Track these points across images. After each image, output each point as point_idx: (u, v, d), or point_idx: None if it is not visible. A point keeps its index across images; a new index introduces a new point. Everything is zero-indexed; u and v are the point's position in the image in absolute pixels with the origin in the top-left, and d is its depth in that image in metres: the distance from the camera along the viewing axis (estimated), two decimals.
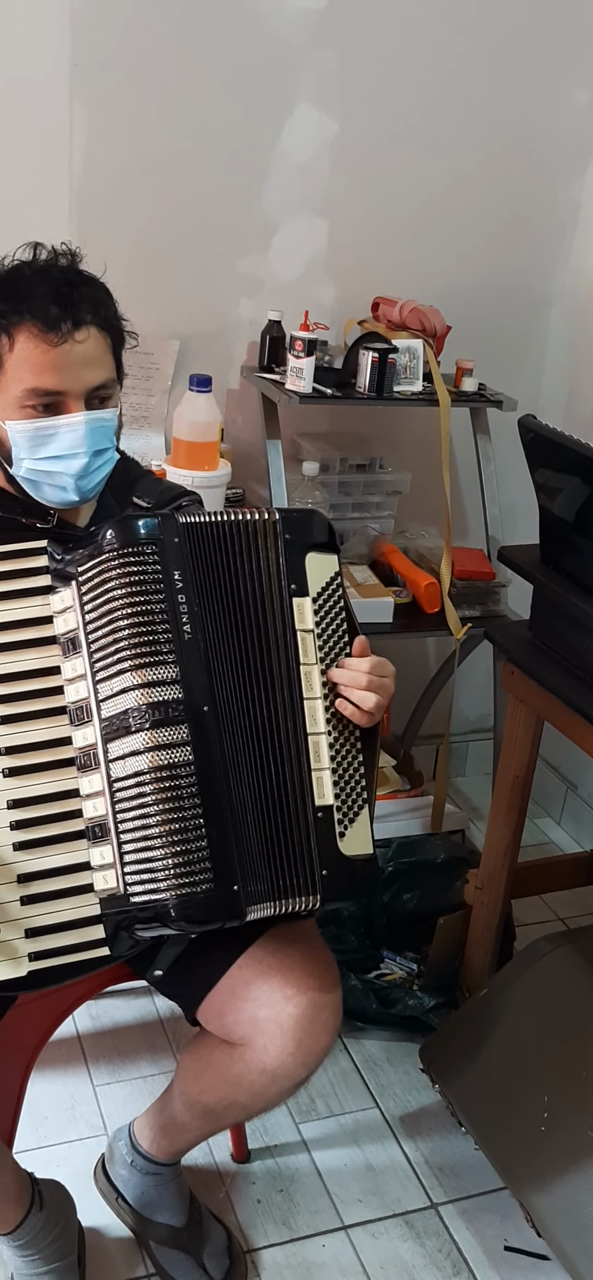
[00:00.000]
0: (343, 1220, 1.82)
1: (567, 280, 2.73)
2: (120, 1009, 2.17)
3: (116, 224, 2.28)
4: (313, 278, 2.47)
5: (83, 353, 1.34)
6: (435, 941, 2.16)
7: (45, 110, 2.17)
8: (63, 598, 1.31)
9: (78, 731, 1.30)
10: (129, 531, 1.28)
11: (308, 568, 1.36)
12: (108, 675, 1.27)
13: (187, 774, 1.25)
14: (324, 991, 1.41)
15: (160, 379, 2.37)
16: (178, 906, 1.23)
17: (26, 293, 1.32)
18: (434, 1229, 1.82)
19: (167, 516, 1.32)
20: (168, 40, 2.22)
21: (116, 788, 1.27)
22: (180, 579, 1.28)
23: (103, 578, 1.28)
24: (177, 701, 1.25)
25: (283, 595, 1.34)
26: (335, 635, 1.36)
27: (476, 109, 2.50)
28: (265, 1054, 1.40)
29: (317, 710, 1.34)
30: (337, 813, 1.32)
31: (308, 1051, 1.40)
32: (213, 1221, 1.74)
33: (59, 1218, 1.59)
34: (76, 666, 1.30)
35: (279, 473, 2.27)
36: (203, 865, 1.24)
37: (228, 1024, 1.44)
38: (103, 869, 1.28)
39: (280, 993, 1.40)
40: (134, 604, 1.26)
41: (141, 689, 1.25)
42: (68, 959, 1.27)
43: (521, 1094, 1.78)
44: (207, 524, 1.33)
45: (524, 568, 1.86)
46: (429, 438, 2.46)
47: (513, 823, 2.00)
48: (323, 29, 2.31)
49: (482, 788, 2.98)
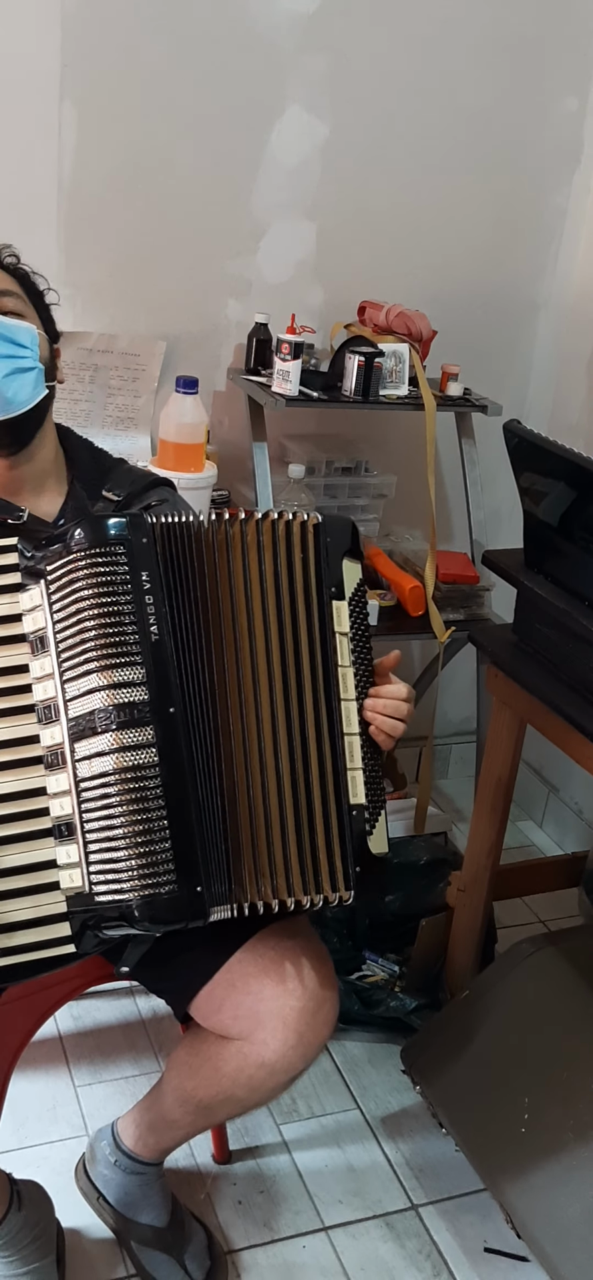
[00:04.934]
0: (324, 1221, 1.82)
1: (553, 286, 2.74)
2: (102, 1010, 2.17)
3: (105, 224, 2.28)
4: (301, 281, 2.47)
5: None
6: (418, 943, 2.16)
7: (35, 110, 2.17)
8: (32, 596, 1.30)
9: (45, 730, 1.29)
10: (98, 531, 1.28)
11: (344, 572, 1.37)
12: (75, 675, 1.27)
13: (151, 775, 1.25)
14: (324, 985, 1.44)
15: (147, 380, 2.37)
16: (141, 907, 1.24)
17: None
18: (414, 1230, 1.83)
19: (136, 516, 1.32)
20: (158, 42, 2.22)
21: (83, 787, 1.27)
22: (148, 579, 1.27)
23: (71, 577, 1.27)
24: (143, 703, 1.25)
25: (321, 597, 1.34)
26: (363, 638, 1.38)
27: (464, 115, 2.52)
28: (265, 1047, 1.40)
29: (351, 712, 1.35)
30: (365, 812, 1.34)
31: (308, 1044, 1.41)
32: (194, 1222, 1.74)
33: (38, 1218, 1.59)
34: (44, 665, 1.30)
35: (265, 474, 2.27)
36: (166, 867, 1.24)
37: (226, 1018, 1.45)
38: (69, 867, 1.28)
39: (282, 986, 1.41)
40: (102, 604, 1.25)
41: (108, 690, 1.25)
42: (33, 955, 1.27)
43: (501, 1095, 1.78)
44: (187, 524, 1.31)
45: (509, 571, 1.87)
46: (415, 441, 2.47)
47: (496, 825, 2.01)
48: (313, 33, 2.32)
49: (465, 790, 3.00)
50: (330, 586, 1.35)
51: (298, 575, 1.34)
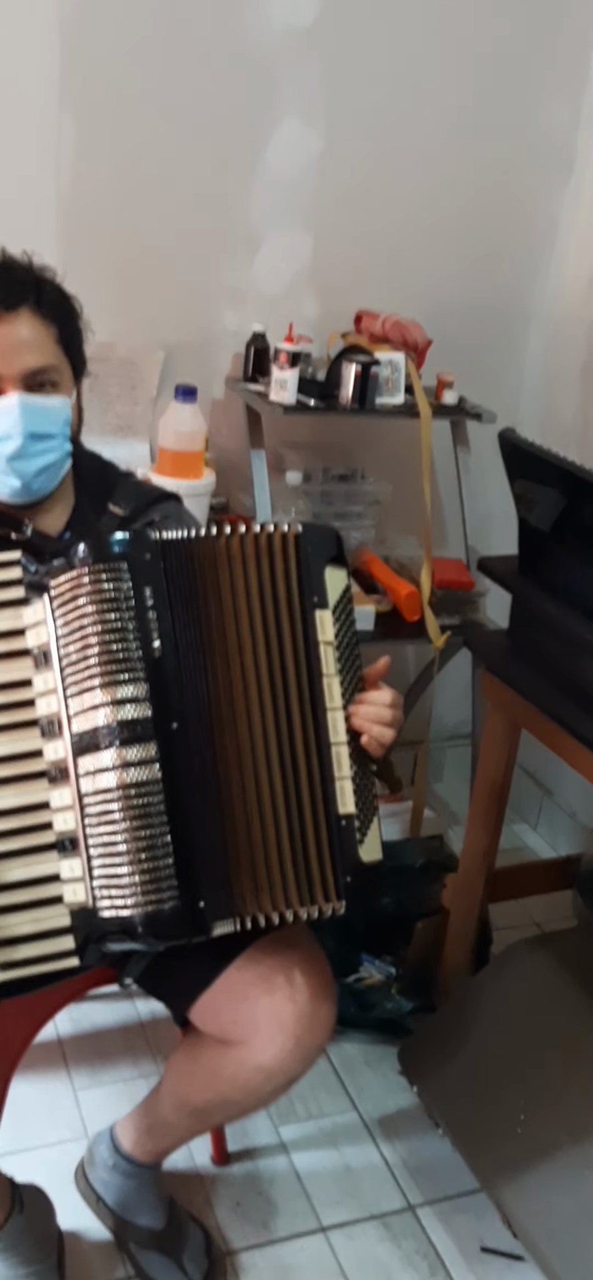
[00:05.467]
0: (321, 1222, 1.84)
1: (546, 296, 2.77)
2: (101, 1012, 2.18)
3: (103, 234, 2.30)
4: (297, 291, 2.50)
5: (17, 336, 1.35)
6: (414, 945, 2.18)
7: (33, 122, 2.19)
8: (36, 610, 1.30)
9: (49, 745, 1.30)
10: (101, 548, 1.27)
11: (327, 580, 1.35)
12: (78, 691, 1.27)
13: (155, 791, 1.25)
14: (321, 990, 1.44)
15: (145, 388, 2.39)
16: (144, 922, 1.24)
17: None
18: (411, 1230, 1.84)
19: (139, 532, 1.32)
20: (156, 54, 2.24)
21: (86, 803, 1.27)
22: (152, 595, 1.27)
23: (74, 593, 1.27)
24: (146, 720, 1.25)
25: (304, 607, 1.33)
26: (349, 645, 1.37)
27: (458, 127, 2.54)
28: (263, 1052, 1.41)
29: (338, 720, 1.33)
30: (356, 820, 1.33)
31: (306, 1049, 1.42)
32: (192, 1224, 1.75)
33: (39, 1222, 1.60)
34: (48, 680, 1.30)
35: (263, 482, 2.29)
36: (169, 882, 1.24)
37: (225, 1023, 1.46)
38: (72, 882, 1.28)
39: (281, 991, 1.42)
40: (105, 620, 1.25)
41: (111, 706, 1.25)
42: (38, 969, 1.28)
43: (497, 1096, 1.80)
44: (180, 540, 1.31)
45: (503, 577, 1.89)
46: (409, 449, 2.49)
47: (490, 828, 2.04)
48: (309, 45, 2.34)
49: (459, 793, 3.01)
50: (313, 596, 1.33)
51: (281, 587, 1.33)
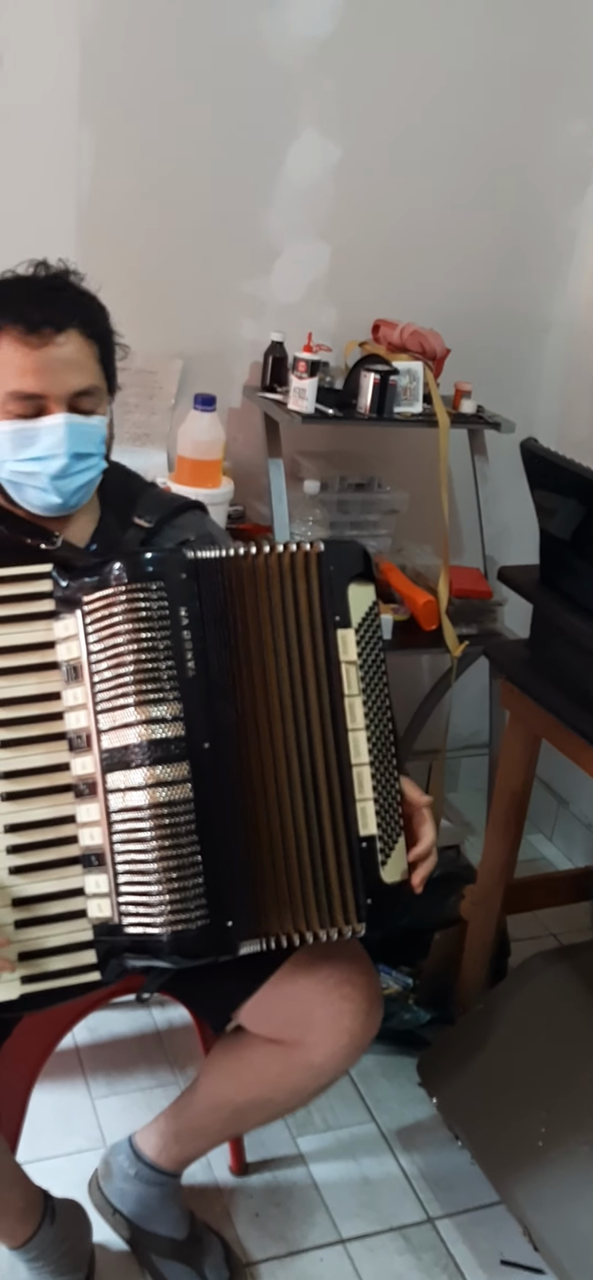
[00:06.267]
0: (340, 1234, 1.83)
1: (563, 306, 2.77)
2: (117, 1021, 2.18)
3: (122, 245, 2.30)
4: (314, 300, 2.50)
5: (64, 356, 1.36)
6: (431, 956, 2.17)
7: (54, 133, 2.20)
8: (66, 625, 1.30)
9: (77, 759, 1.30)
10: (136, 567, 1.27)
11: (350, 598, 1.34)
12: (110, 708, 1.27)
13: (185, 811, 1.25)
14: (373, 986, 1.48)
15: (163, 397, 2.39)
16: (171, 940, 1.24)
17: (9, 299, 1.35)
18: (430, 1243, 1.84)
19: (174, 551, 1.32)
20: (175, 66, 2.25)
21: (115, 819, 1.27)
22: (186, 615, 1.27)
23: (108, 611, 1.27)
24: (178, 739, 1.25)
25: (326, 626, 1.32)
26: (375, 664, 1.36)
27: (476, 137, 2.54)
28: (316, 1049, 1.44)
29: (360, 742, 1.33)
30: (378, 842, 1.32)
31: (358, 1045, 1.45)
32: (211, 1235, 1.75)
33: (71, 1235, 1.60)
34: (78, 695, 1.30)
35: (281, 491, 2.29)
36: (198, 902, 1.24)
37: (278, 1023, 1.47)
38: (97, 897, 1.28)
39: (337, 991, 1.44)
40: (139, 640, 1.25)
41: (143, 725, 1.25)
42: (59, 983, 1.28)
43: (518, 1109, 1.79)
44: (215, 559, 1.31)
45: (524, 587, 1.89)
46: (426, 458, 2.49)
47: (509, 839, 2.03)
48: (327, 56, 2.35)
49: (474, 803, 3.01)
50: (335, 615, 1.33)
51: (303, 606, 1.32)
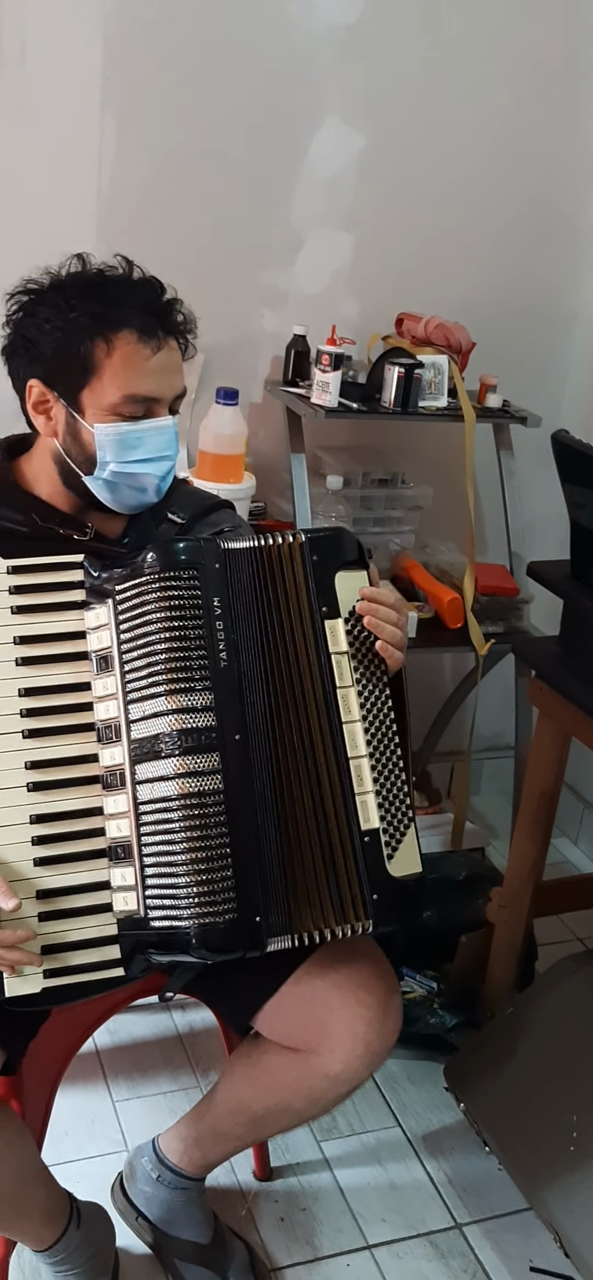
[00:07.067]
0: (367, 1240, 1.80)
1: (589, 297, 2.73)
2: (138, 1024, 2.15)
3: (144, 235, 2.25)
4: (336, 292, 2.47)
5: (173, 360, 1.38)
6: (457, 959, 2.14)
7: (76, 121, 2.18)
8: (98, 614, 1.30)
9: (105, 750, 1.29)
10: (170, 555, 1.27)
11: (338, 587, 1.32)
12: (140, 697, 1.26)
13: (215, 802, 1.23)
14: (390, 993, 1.43)
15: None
16: (198, 934, 1.22)
17: (124, 300, 1.35)
18: (459, 1249, 1.80)
19: (209, 541, 1.31)
20: (197, 54, 2.22)
21: (142, 810, 1.26)
22: (219, 605, 1.27)
23: (141, 599, 1.26)
24: (209, 729, 1.24)
25: (314, 619, 1.31)
26: (370, 653, 1.33)
27: (500, 127, 2.51)
28: (332, 1057, 1.40)
29: (357, 734, 1.30)
30: (383, 835, 1.30)
31: (375, 1053, 1.41)
32: (235, 1239, 1.72)
33: (95, 1238, 1.58)
34: (108, 685, 1.29)
35: (303, 486, 2.26)
36: (227, 895, 1.22)
37: (293, 1030, 1.44)
38: (123, 890, 1.27)
39: (353, 996, 1.40)
40: (171, 629, 1.25)
41: (175, 714, 1.23)
42: (82, 978, 1.26)
43: (549, 1113, 1.76)
44: (245, 549, 1.31)
45: (555, 583, 1.85)
46: (449, 453, 2.46)
47: (538, 840, 1.99)
48: (352, 44, 2.32)
49: (497, 806, 2.97)
50: (322, 606, 1.31)
51: (292, 598, 1.31)
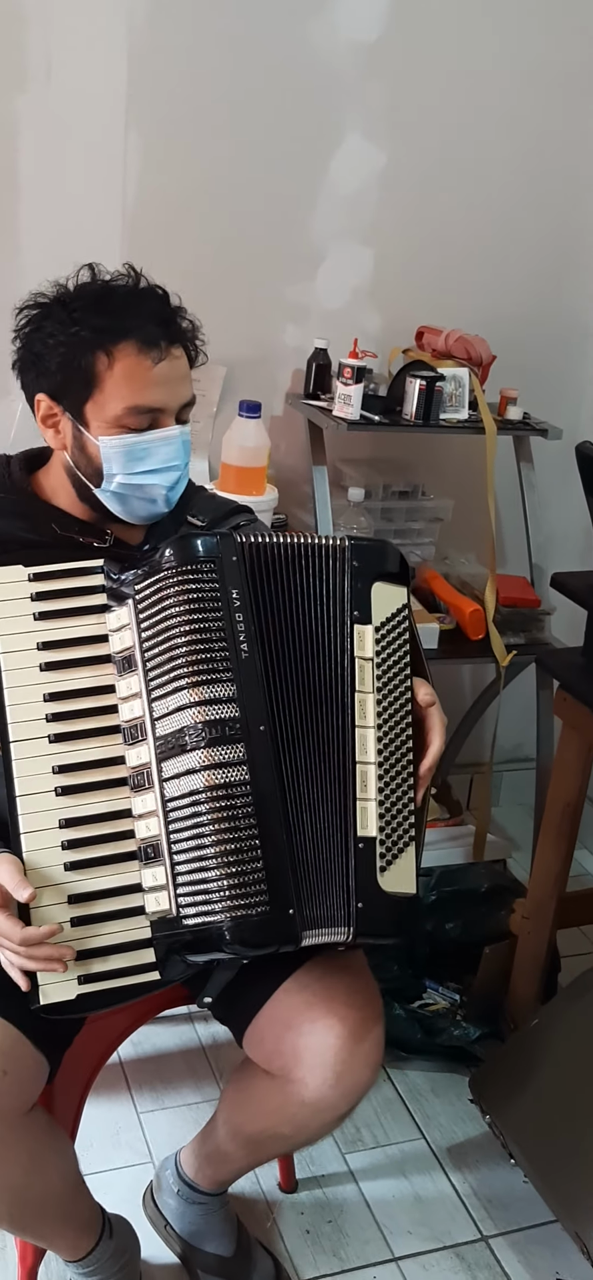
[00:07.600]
0: (393, 1252, 1.79)
1: None
2: (161, 1035, 2.15)
3: (167, 250, 2.27)
4: (358, 306, 2.48)
5: (178, 369, 1.37)
6: (481, 971, 2.14)
7: (101, 138, 2.20)
8: (119, 616, 1.30)
9: (131, 750, 1.29)
10: (187, 550, 1.28)
11: (374, 596, 1.34)
12: (164, 693, 1.26)
13: (242, 794, 1.23)
14: (365, 1024, 1.38)
15: (206, 404, 2.38)
16: (232, 929, 1.21)
17: (126, 311, 1.35)
18: (486, 1261, 1.80)
19: (225, 535, 1.32)
20: (220, 71, 2.24)
21: (170, 808, 1.25)
22: (238, 598, 1.27)
23: (160, 595, 1.27)
24: (233, 720, 1.24)
25: (344, 620, 1.32)
26: (396, 666, 1.34)
27: (521, 142, 2.53)
28: (304, 1086, 1.36)
29: (368, 739, 1.31)
30: (379, 846, 1.28)
31: (347, 1086, 1.36)
32: (261, 1251, 1.72)
33: (125, 1249, 1.58)
34: (131, 685, 1.29)
35: (325, 498, 2.27)
36: (258, 887, 1.21)
37: (269, 1052, 1.42)
38: (155, 890, 1.26)
39: (322, 1023, 1.36)
40: (192, 621, 1.25)
41: (198, 707, 1.23)
42: (117, 983, 1.25)
43: (574, 1126, 1.75)
44: (267, 544, 1.32)
45: (579, 593, 1.86)
46: (470, 465, 2.46)
47: (562, 851, 1.99)
48: (373, 61, 2.34)
49: (517, 818, 2.96)
50: (354, 610, 1.32)
51: (324, 597, 1.32)
